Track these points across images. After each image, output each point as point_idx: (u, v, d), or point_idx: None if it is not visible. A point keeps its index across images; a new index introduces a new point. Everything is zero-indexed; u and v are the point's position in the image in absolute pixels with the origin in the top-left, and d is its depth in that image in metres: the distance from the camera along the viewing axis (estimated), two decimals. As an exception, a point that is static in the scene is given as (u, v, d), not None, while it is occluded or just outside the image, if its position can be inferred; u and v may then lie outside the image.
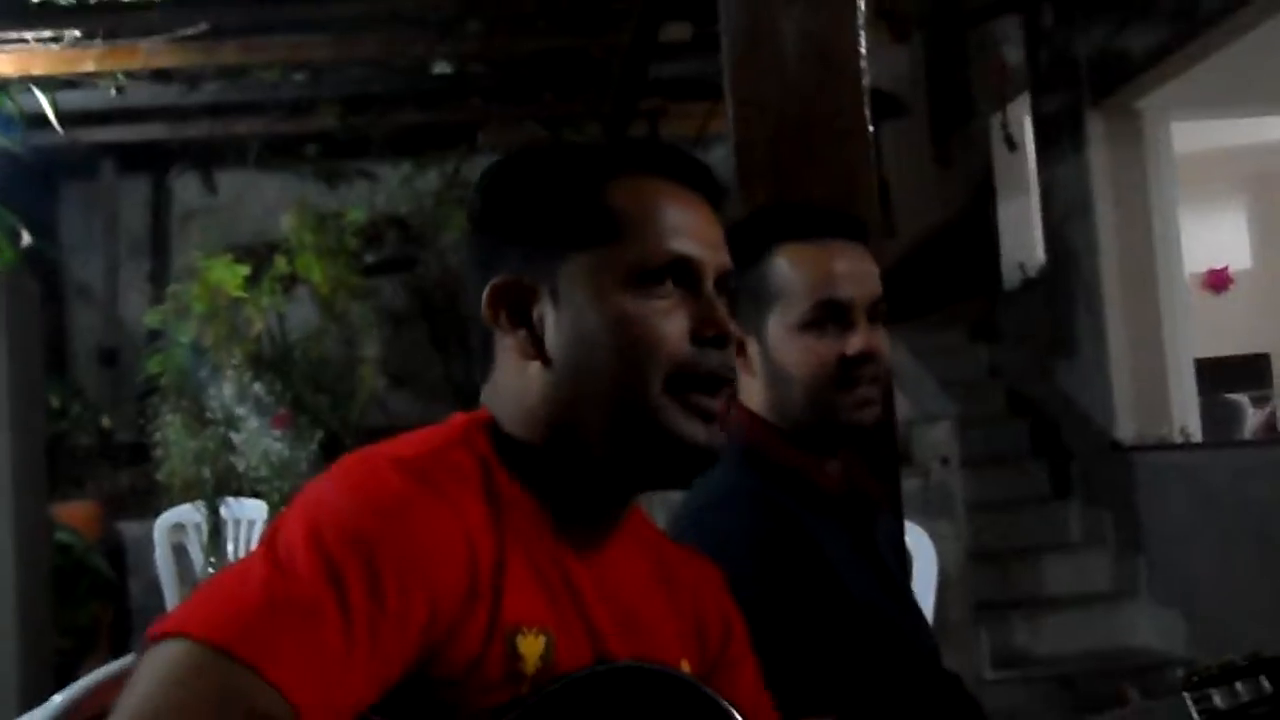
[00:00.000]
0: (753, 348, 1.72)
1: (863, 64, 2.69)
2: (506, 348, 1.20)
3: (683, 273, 1.19)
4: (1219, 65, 5.84)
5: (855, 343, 1.67)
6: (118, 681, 1.02)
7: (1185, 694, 1.31)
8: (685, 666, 1.23)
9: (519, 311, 1.18)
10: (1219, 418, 7.27)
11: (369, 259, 7.60)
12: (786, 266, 1.70)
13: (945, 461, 6.39)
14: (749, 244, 1.66)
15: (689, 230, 1.20)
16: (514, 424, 1.18)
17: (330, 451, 6.37)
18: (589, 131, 7.46)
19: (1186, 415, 6.47)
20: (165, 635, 0.93)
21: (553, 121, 7.71)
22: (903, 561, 1.97)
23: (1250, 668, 1.36)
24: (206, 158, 8.26)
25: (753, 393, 1.73)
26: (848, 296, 1.68)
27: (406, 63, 6.95)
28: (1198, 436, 6.43)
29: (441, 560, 1.03)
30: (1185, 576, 5.86)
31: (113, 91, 6.67)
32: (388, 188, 7.99)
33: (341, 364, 7.30)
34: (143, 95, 6.92)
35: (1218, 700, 1.33)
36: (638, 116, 7.33)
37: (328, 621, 0.95)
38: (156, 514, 5.82)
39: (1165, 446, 6.21)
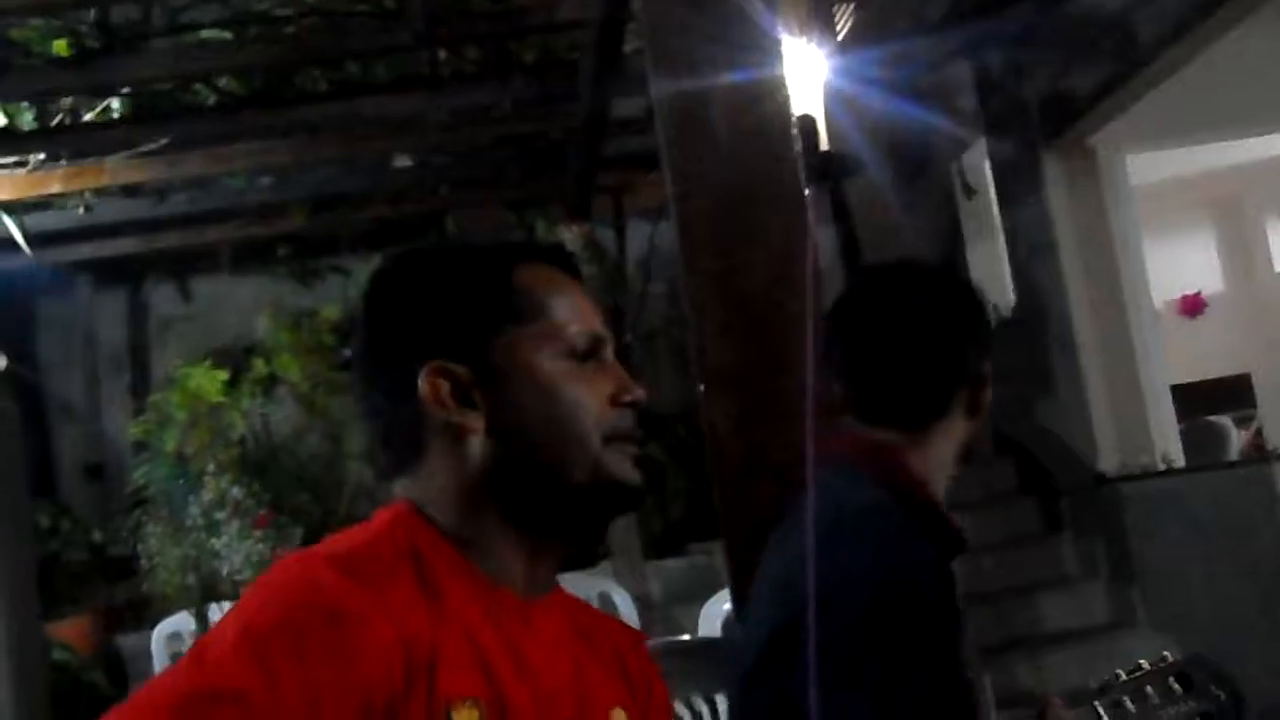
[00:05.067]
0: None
1: (795, 133, 2.76)
2: (440, 430, 1.26)
3: (594, 347, 1.31)
4: (1164, 97, 5.94)
5: None
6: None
7: (1095, 703, 1.35)
8: (621, 715, 1.30)
9: (458, 393, 1.25)
10: (1204, 441, 7.30)
11: (346, 354, 7.63)
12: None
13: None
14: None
15: (585, 309, 1.34)
16: (451, 502, 1.25)
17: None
18: (553, 213, 7.54)
19: (1167, 442, 6.51)
20: None
21: (517, 204, 7.80)
22: None
23: (1160, 672, 1.39)
24: (180, 267, 8.33)
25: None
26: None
27: (370, 159, 7.04)
28: (1180, 462, 6.46)
29: (373, 648, 1.08)
30: (1179, 601, 5.87)
31: (81, 210, 6.73)
32: (360, 282, 8.03)
33: (327, 459, 7.33)
34: (112, 211, 6.97)
35: (1130, 705, 1.36)
36: (601, 192, 7.41)
37: (257, 706, 1.00)
38: (152, 625, 5.82)
39: (1148, 475, 6.24)
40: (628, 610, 5.25)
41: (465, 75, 5.92)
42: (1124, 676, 1.40)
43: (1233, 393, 8.64)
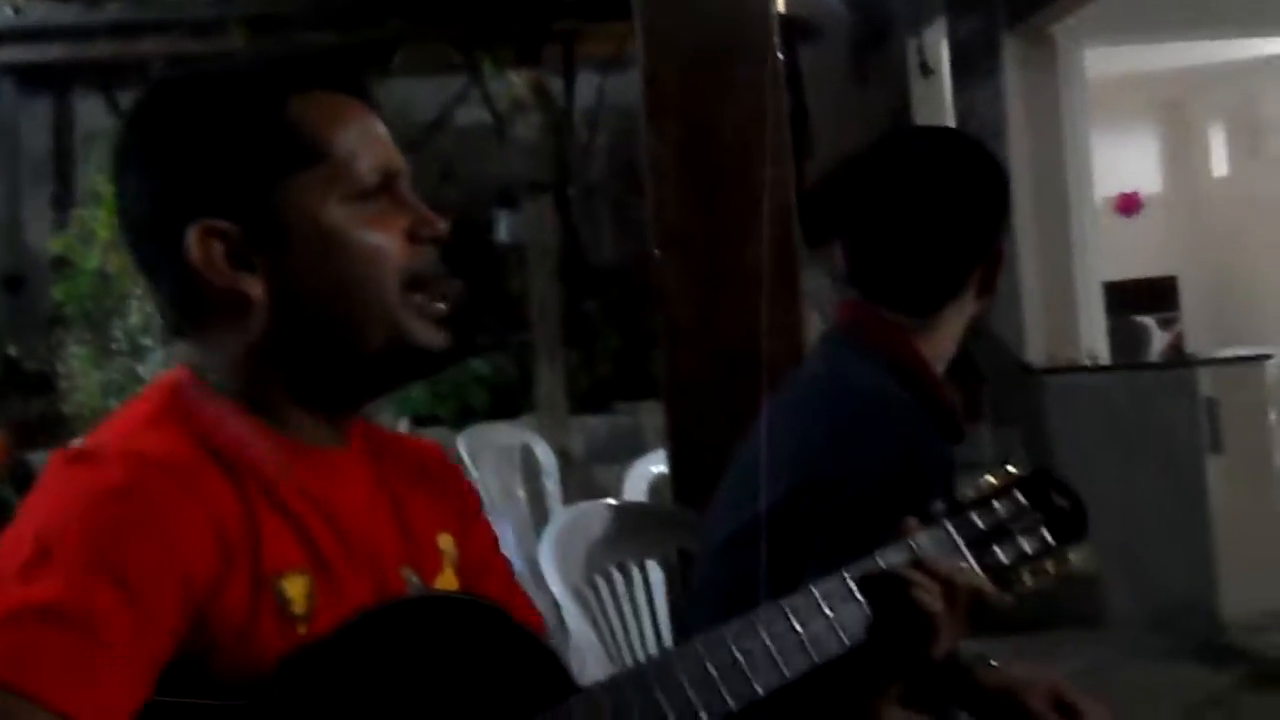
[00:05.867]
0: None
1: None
2: (217, 296, 1.14)
3: (386, 181, 1.18)
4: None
5: None
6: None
7: (946, 520, 1.35)
8: (447, 539, 1.25)
9: (233, 255, 1.13)
10: (1126, 340, 7.41)
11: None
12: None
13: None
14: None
15: (375, 139, 1.20)
16: (235, 370, 1.16)
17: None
18: (503, 55, 7.36)
19: (1095, 338, 6.59)
20: None
21: (466, 43, 7.60)
22: None
23: (1005, 486, 1.41)
24: (109, 78, 8.04)
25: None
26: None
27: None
28: (1105, 359, 6.55)
29: (184, 535, 1.02)
30: (1092, 496, 5.95)
31: (10, 10, 6.45)
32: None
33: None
34: (41, 13, 6.71)
35: (978, 521, 1.37)
36: (552, 38, 7.24)
37: (81, 626, 0.94)
38: (65, 445, 5.74)
39: (1073, 369, 6.32)
40: (549, 464, 5.23)
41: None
42: (971, 494, 1.39)
43: (1159, 293, 8.75)
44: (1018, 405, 6.64)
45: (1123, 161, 9.15)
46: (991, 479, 1.41)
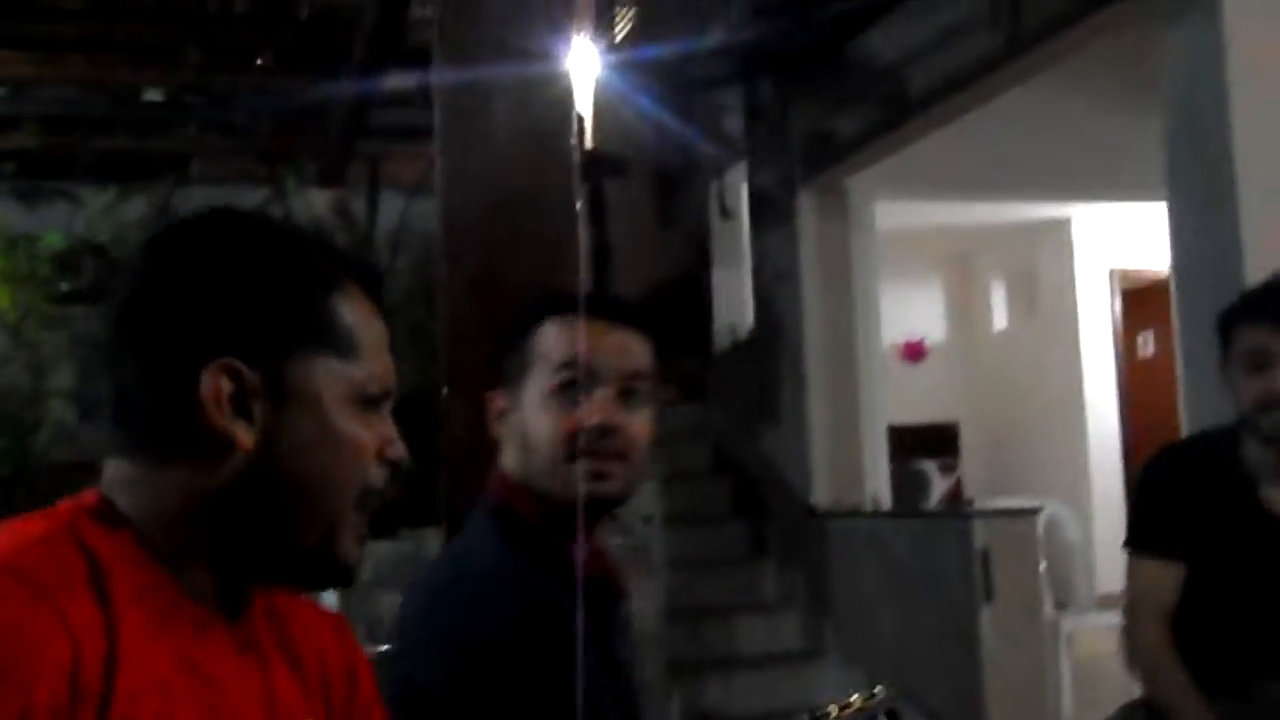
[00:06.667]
0: (513, 415, 1.72)
1: (574, 140, 2.72)
2: (200, 432, 1.11)
3: (383, 398, 1.21)
4: (919, 152, 6.19)
5: (591, 414, 1.67)
6: None
7: None
8: None
9: (240, 400, 1.12)
10: (909, 485, 7.64)
11: (65, 286, 7.21)
12: (547, 336, 1.72)
13: (648, 520, 6.50)
14: (525, 317, 1.74)
15: (387, 358, 1.23)
16: (163, 510, 1.12)
17: (8, 487, 6.02)
18: (307, 170, 7.30)
19: (877, 482, 6.77)
20: None
21: (269, 157, 7.51)
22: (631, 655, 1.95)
23: (870, 708, 1.41)
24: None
25: (512, 462, 1.73)
26: (597, 367, 1.69)
27: (118, 86, 6.66)
28: (888, 503, 6.72)
29: (35, 663, 0.98)
30: (870, 637, 6.11)
31: None
32: (89, 213, 7.61)
33: (29, 395, 6.89)
34: None
35: None
36: (358, 158, 7.22)
37: None
38: None
39: (856, 514, 6.47)
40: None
41: (233, 17, 5.66)
42: (835, 711, 1.40)
43: (941, 440, 9.06)
44: (802, 546, 6.75)
45: (911, 311, 9.53)
46: (852, 700, 1.42)
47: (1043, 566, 5.60)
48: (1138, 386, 8.75)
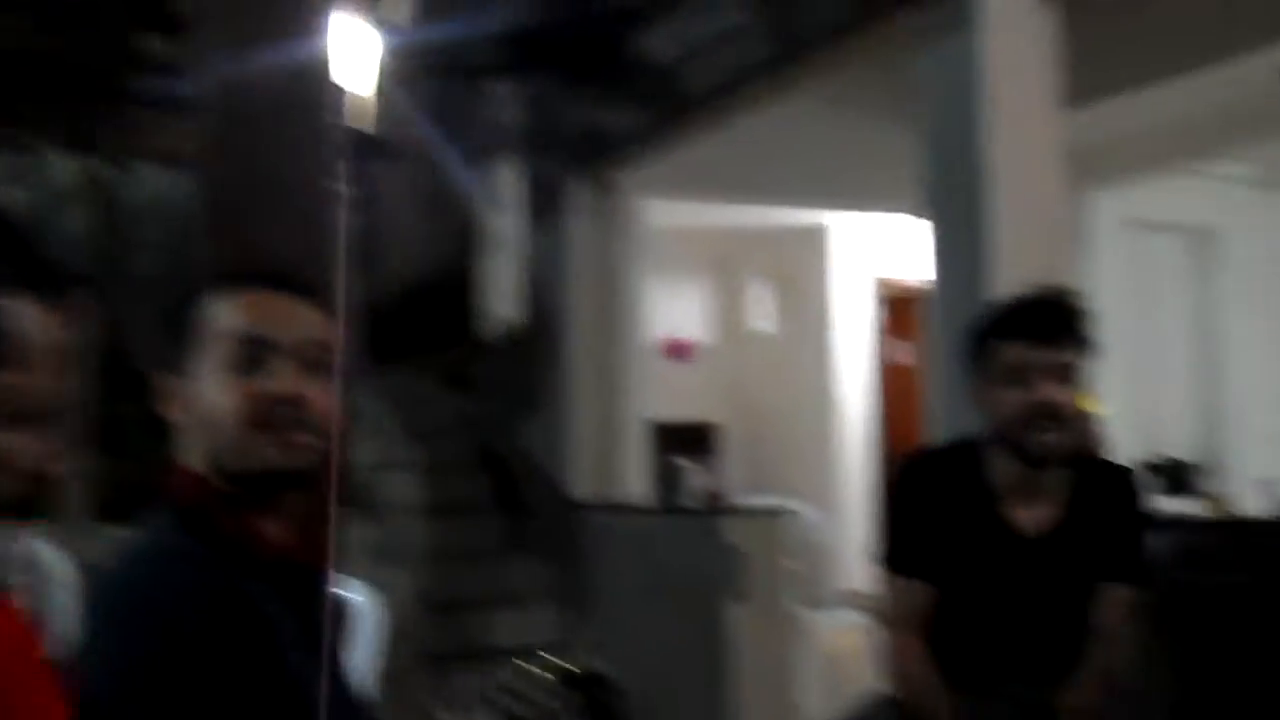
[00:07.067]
0: (185, 396, 1.64)
1: (339, 121, 2.65)
2: None
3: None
4: (692, 153, 6.25)
5: (274, 384, 1.61)
6: None
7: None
8: None
9: None
10: (668, 481, 7.71)
11: None
12: (213, 310, 1.66)
13: (406, 510, 6.40)
14: (183, 296, 1.69)
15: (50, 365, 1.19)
16: None
17: None
18: (52, 137, 6.92)
19: (637, 478, 6.83)
20: None
21: (7, 120, 7.09)
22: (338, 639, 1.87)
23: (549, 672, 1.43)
24: None
25: (189, 444, 1.64)
26: (271, 337, 1.63)
27: None
28: (645, 500, 6.78)
29: None
30: (624, 630, 6.15)
31: None
32: None
33: None
34: None
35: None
36: (109, 126, 6.88)
37: None
38: None
39: (613, 508, 6.51)
40: (65, 574, 4.84)
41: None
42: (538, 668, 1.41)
43: (702, 438, 9.17)
44: (559, 540, 6.75)
45: (681, 309, 9.64)
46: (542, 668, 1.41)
47: (792, 564, 5.73)
48: (893, 393, 9.04)
